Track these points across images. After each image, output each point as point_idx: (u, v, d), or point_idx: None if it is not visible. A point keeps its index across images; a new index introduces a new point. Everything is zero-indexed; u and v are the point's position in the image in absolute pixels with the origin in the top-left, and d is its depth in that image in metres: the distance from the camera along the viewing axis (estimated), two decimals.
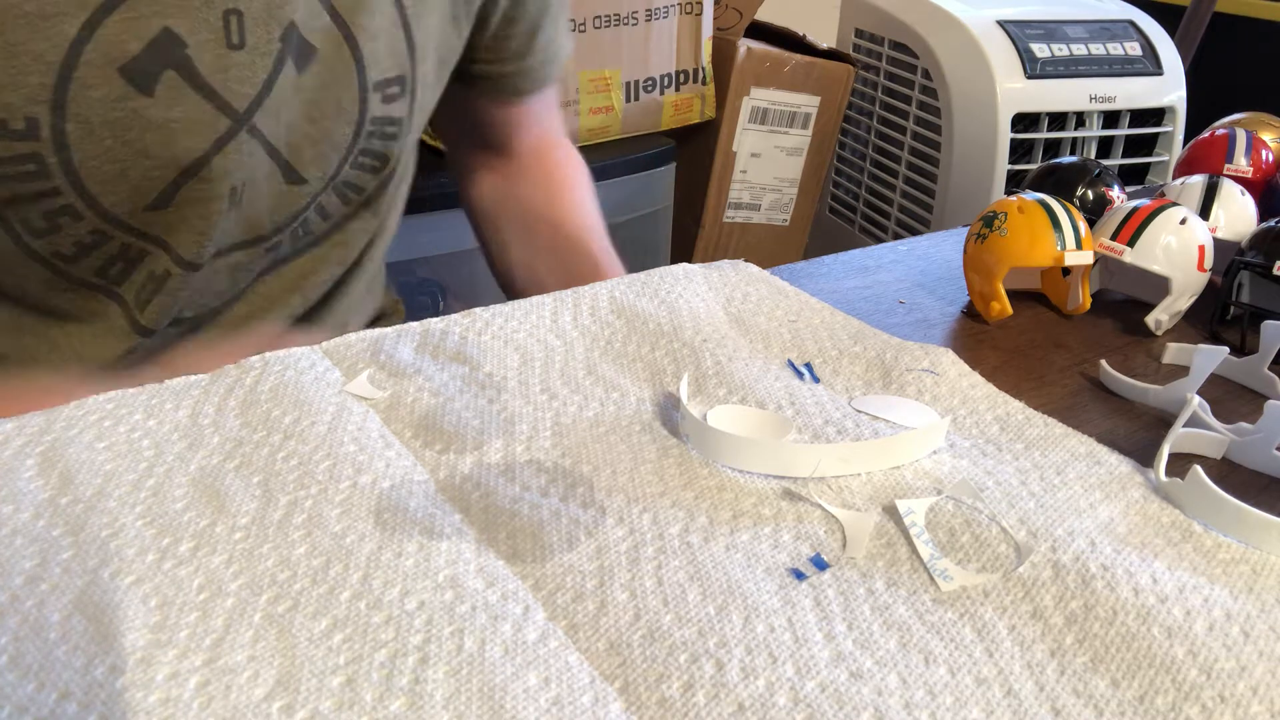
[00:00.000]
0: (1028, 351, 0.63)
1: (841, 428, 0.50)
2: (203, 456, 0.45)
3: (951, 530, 0.43)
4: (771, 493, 0.45)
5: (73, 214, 0.57)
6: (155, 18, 0.52)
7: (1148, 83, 1.65)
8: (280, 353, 0.53)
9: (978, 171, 1.63)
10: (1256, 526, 0.43)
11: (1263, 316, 0.61)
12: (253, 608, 0.37)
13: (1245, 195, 0.73)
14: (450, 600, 0.38)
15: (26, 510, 0.41)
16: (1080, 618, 0.39)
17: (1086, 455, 0.50)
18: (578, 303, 0.61)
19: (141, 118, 0.54)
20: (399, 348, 0.55)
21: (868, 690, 0.35)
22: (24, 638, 0.35)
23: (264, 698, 0.33)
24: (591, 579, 0.39)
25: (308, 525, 0.41)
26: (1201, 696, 0.35)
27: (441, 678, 0.34)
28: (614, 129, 1.54)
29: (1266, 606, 0.40)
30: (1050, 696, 0.35)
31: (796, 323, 0.61)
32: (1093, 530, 0.44)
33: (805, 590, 0.40)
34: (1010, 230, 0.64)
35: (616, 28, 1.47)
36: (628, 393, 0.53)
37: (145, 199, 0.57)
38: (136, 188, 0.57)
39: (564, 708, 0.34)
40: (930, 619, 0.38)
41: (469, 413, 0.50)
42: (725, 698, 0.34)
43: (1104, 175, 0.76)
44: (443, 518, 0.42)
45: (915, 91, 1.74)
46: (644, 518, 0.43)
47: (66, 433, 0.46)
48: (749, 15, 1.64)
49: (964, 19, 1.63)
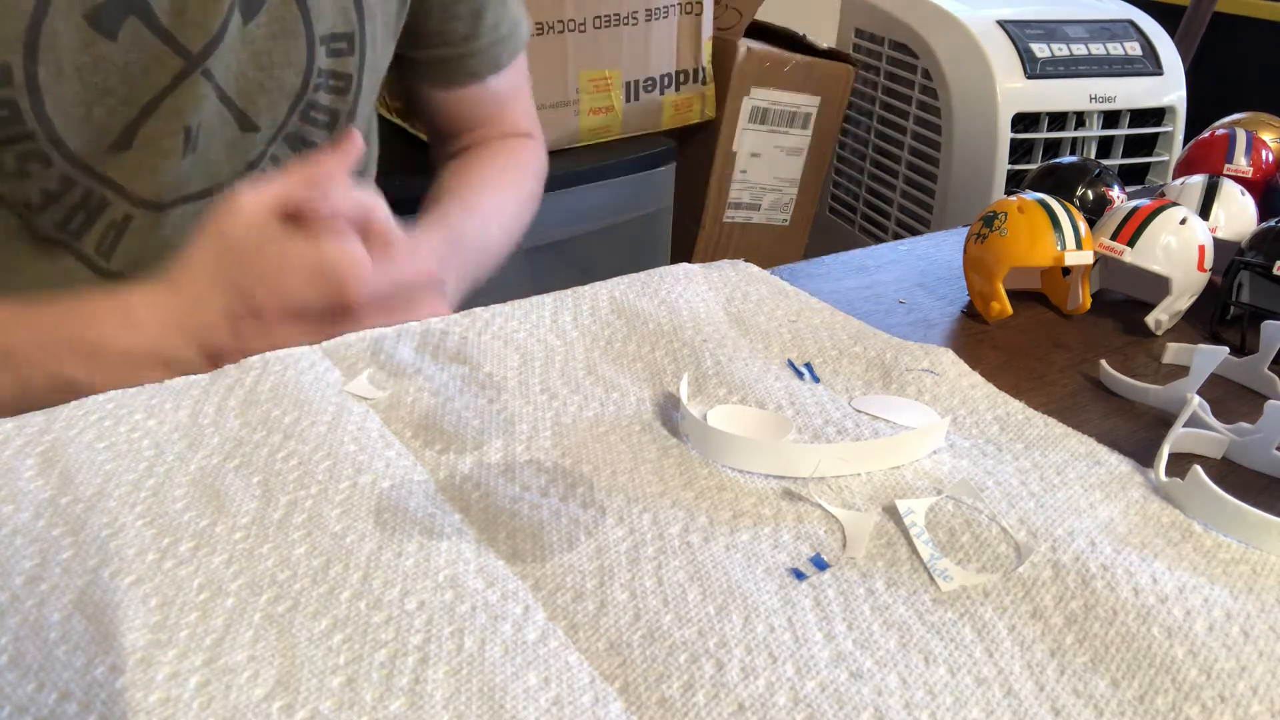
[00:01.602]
0: (1028, 351, 0.63)
1: (841, 428, 0.50)
2: (203, 456, 0.45)
3: (951, 530, 0.43)
4: (771, 493, 0.45)
5: (43, 160, 0.59)
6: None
7: (1148, 83, 1.65)
8: (280, 353, 0.53)
9: (978, 171, 1.63)
10: (1256, 526, 0.43)
11: (1263, 316, 0.61)
12: (253, 608, 0.37)
13: (1245, 195, 0.73)
14: (450, 600, 0.38)
15: (26, 510, 0.41)
16: (1080, 618, 0.39)
17: (1086, 455, 0.50)
18: (578, 303, 0.61)
19: (106, 60, 0.57)
20: (399, 347, 0.55)
21: (868, 690, 0.35)
22: (24, 638, 0.35)
23: (264, 698, 0.33)
24: (591, 579, 0.39)
25: (308, 525, 0.41)
26: (1201, 696, 0.35)
27: (441, 678, 0.34)
28: (614, 129, 1.54)
29: (1266, 606, 0.40)
30: (1050, 696, 0.35)
31: (796, 323, 0.61)
32: (1093, 530, 0.44)
33: (805, 590, 0.40)
34: (1010, 230, 0.64)
35: (616, 28, 1.47)
36: (628, 393, 0.53)
37: (107, 139, 0.60)
38: (101, 128, 0.60)
39: (564, 708, 0.34)
40: (930, 619, 0.38)
41: (469, 413, 0.50)
42: (725, 698, 0.34)
43: (1104, 175, 0.76)
44: (443, 518, 0.42)
45: (915, 91, 1.74)
46: (644, 518, 0.43)
47: (66, 432, 0.46)
48: (749, 15, 1.64)
49: (964, 19, 1.63)
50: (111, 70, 0.58)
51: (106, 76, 0.58)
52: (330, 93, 0.68)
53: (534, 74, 1.40)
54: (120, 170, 0.62)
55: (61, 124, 0.58)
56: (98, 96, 0.58)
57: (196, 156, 0.64)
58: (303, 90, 0.66)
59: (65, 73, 0.56)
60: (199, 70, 0.60)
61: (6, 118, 0.57)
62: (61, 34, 0.55)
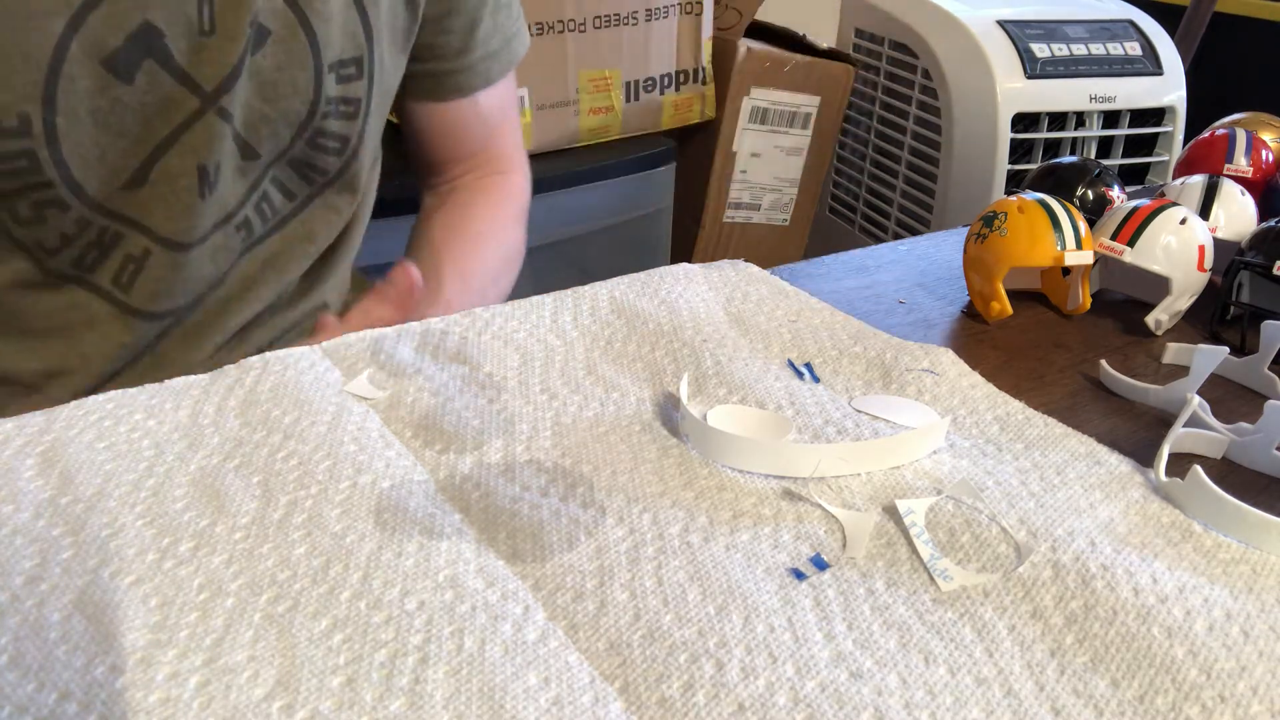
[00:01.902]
0: (1028, 351, 0.63)
1: (841, 428, 0.50)
2: (203, 456, 0.45)
3: (951, 530, 0.43)
4: (771, 493, 0.45)
5: (60, 205, 0.58)
6: (136, 11, 0.55)
7: (1148, 83, 1.65)
8: (280, 353, 0.53)
9: (978, 171, 1.63)
10: (1256, 526, 0.43)
11: (1263, 316, 0.61)
12: (253, 608, 0.37)
13: (1245, 195, 0.73)
14: (450, 600, 0.38)
15: (26, 510, 0.41)
16: (1080, 618, 0.39)
17: (1086, 455, 0.50)
18: (578, 303, 0.61)
19: (121, 104, 0.57)
20: (399, 348, 0.55)
21: (868, 690, 0.35)
22: (24, 638, 0.35)
23: (264, 698, 0.33)
24: (591, 579, 0.39)
25: (308, 525, 0.41)
26: (1201, 696, 0.35)
27: (441, 678, 0.34)
28: (614, 129, 1.54)
29: (1266, 606, 0.40)
30: (1050, 696, 0.35)
31: (796, 323, 0.61)
32: (1093, 530, 0.44)
33: (805, 590, 0.40)
34: (1010, 230, 0.64)
35: (616, 28, 1.47)
36: (628, 393, 0.53)
37: (121, 178, 0.59)
38: (114, 169, 0.59)
39: (564, 708, 0.34)
40: (930, 619, 0.38)
41: (469, 413, 0.50)
42: (725, 697, 0.34)
43: (1104, 175, 0.76)
44: (443, 518, 0.42)
45: (915, 91, 1.74)
46: (644, 518, 0.43)
47: (66, 432, 0.46)
48: (749, 15, 1.64)
49: (964, 19, 1.63)
50: (127, 112, 0.57)
51: (122, 119, 0.57)
52: (340, 119, 0.67)
53: (534, 74, 1.40)
54: (136, 207, 0.61)
55: (78, 168, 0.58)
56: (113, 139, 0.58)
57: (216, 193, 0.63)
58: (309, 119, 0.65)
59: (81, 118, 0.56)
60: (214, 108, 0.59)
61: (25, 168, 0.56)
62: (78, 80, 0.55)
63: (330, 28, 0.63)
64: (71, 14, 0.53)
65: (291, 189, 0.69)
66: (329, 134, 0.67)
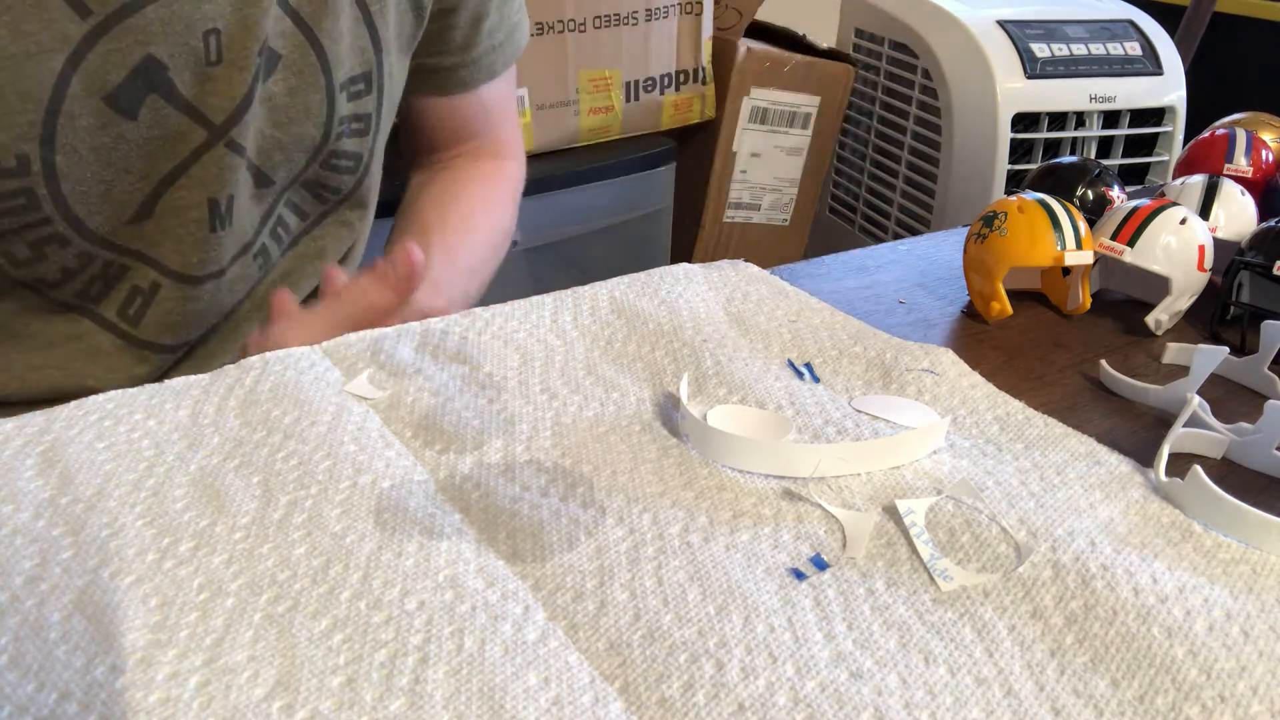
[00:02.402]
0: (1028, 351, 0.63)
1: (841, 428, 0.50)
2: (203, 456, 0.45)
3: (951, 530, 0.43)
4: (771, 493, 0.45)
5: (60, 241, 0.57)
6: (137, 47, 0.53)
7: (1148, 83, 1.65)
8: (280, 353, 0.53)
9: (978, 171, 1.63)
10: (1256, 526, 0.43)
11: (1263, 316, 0.61)
12: (253, 608, 0.37)
13: (1245, 195, 0.73)
14: (450, 600, 0.38)
15: (26, 510, 0.41)
16: (1080, 618, 0.39)
17: (1086, 455, 0.50)
18: (578, 303, 0.61)
19: (125, 140, 0.55)
20: (399, 347, 0.55)
21: (868, 690, 0.35)
22: (24, 638, 0.35)
23: (264, 698, 0.33)
24: (591, 579, 0.39)
25: (308, 525, 0.41)
26: (1201, 696, 0.35)
27: (441, 678, 0.34)
28: (614, 129, 1.54)
29: (1266, 606, 0.40)
30: (1050, 696, 0.35)
31: (796, 323, 0.61)
32: (1093, 530, 0.44)
33: (805, 590, 0.40)
34: (1010, 230, 0.64)
35: (616, 28, 1.47)
36: (628, 393, 0.53)
37: (127, 213, 0.58)
38: (119, 204, 0.57)
39: (564, 708, 0.34)
40: (930, 619, 0.38)
41: (469, 412, 0.50)
42: (725, 698, 0.34)
43: (1104, 175, 0.76)
44: (443, 518, 0.42)
45: (915, 91, 1.74)
46: (644, 518, 0.43)
47: (66, 432, 0.46)
48: (749, 15, 1.64)
49: (964, 19, 1.63)
50: (131, 148, 0.56)
51: (126, 154, 0.56)
52: (353, 136, 0.66)
53: (534, 74, 1.40)
54: (142, 240, 0.60)
55: (79, 205, 0.56)
56: (116, 174, 0.56)
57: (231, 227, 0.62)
58: (323, 142, 0.64)
59: (82, 154, 0.54)
60: (223, 140, 0.58)
61: (23, 205, 0.54)
62: (79, 118, 0.53)
63: (340, 47, 0.61)
64: (71, 51, 0.51)
65: (305, 209, 0.68)
66: (343, 154, 0.66)
